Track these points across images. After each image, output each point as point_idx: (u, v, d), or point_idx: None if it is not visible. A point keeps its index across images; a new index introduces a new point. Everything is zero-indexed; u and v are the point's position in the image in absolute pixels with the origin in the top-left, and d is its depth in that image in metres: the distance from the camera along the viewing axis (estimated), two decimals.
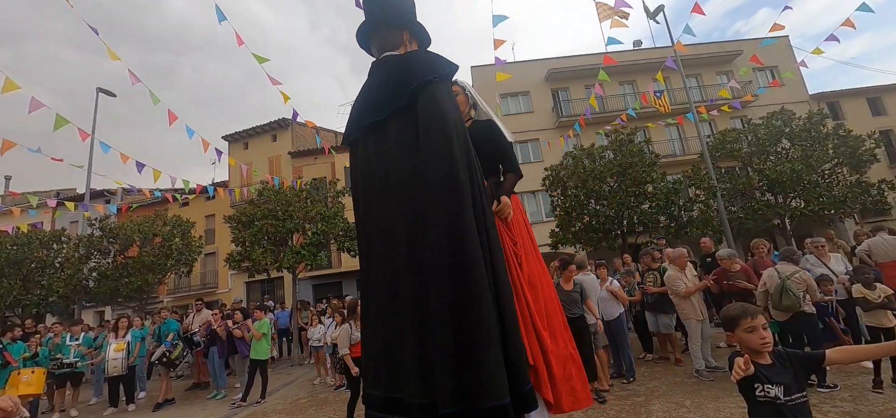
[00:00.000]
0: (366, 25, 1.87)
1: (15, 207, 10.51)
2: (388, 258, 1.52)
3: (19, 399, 5.82)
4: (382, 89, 1.70)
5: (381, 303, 1.53)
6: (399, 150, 1.56)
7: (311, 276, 18.37)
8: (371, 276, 1.59)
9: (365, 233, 1.67)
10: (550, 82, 21.35)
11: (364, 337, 1.69)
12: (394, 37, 1.82)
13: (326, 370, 7.77)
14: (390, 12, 1.83)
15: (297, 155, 22.00)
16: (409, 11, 1.88)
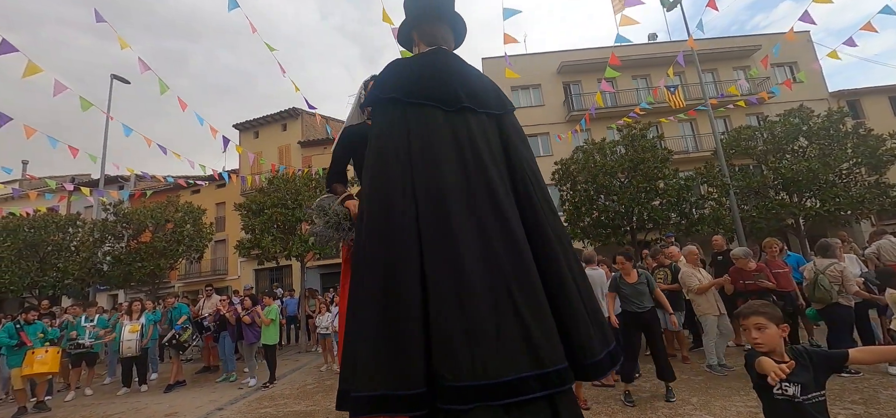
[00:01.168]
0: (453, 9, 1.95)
1: (32, 191, 10.76)
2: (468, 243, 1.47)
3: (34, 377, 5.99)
4: (482, 84, 1.83)
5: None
6: (526, 149, 1.78)
7: (320, 265, 18.55)
8: (376, 259, 1.49)
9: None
10: (562, 75, 21.11)
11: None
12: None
13: (333, 357, 7.85)
14: None
15: (306, 144, 22.12)
16: None
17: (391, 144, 1.60)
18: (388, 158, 1.58)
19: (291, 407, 5.45)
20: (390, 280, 1.41)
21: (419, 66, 1.80)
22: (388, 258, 1.44)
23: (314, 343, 10.63)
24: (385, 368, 1.30)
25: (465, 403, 1.25)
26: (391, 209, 1.50)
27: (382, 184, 1.55)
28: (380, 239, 1.48)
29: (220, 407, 5.75)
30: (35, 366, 6.00)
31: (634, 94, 20.48)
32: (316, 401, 5.65)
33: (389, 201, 1.52)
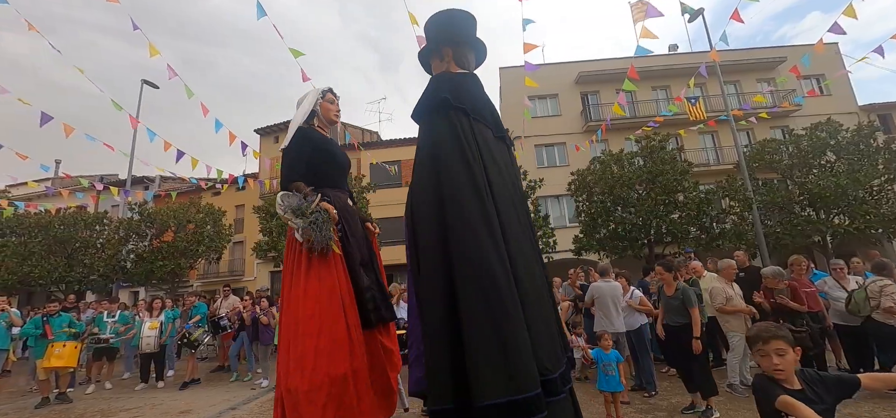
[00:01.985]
0: (477, 35, 2.10)
1: (64, 189, 11.23)
2: (528, 254, 1.71)
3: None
4: (494, 110, 1.99)
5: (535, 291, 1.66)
6: (516, 171, 1.98)
7: None
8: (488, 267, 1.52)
9: (476, 219, 1.59)
10: (580, 85, 20.97)
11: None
12: None
13: None
14: None
15: None
16: None
17: (468, 146, 1.72)
18: (469, 158, 1.68)
19: None
20: (497, 277, 1.49)
21: (473, 86, 1.94)
22: (498, 253, 1.53)
23: None
24: (508, 371, 1.36)
25: (556, 395, 1.43)
26: (484, 203, 1.61)
27: (470, 178, 1.63)
28: (479, 232, 1.54)
29: (234, 407, 5.83)
30: (52, 360, 6.19)
31: (653, 104, 20.19)
32: None
33: (480, 195, 1.61)
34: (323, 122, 3.55)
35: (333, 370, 2.59)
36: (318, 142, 3.33)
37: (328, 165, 3.34)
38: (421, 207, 1.70)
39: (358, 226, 3.30)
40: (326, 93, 3.63)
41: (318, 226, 2.87)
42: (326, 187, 3.20)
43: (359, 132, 24.88)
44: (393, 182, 18.89)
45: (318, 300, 2.77)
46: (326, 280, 2.85)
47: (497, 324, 1.41)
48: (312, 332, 2.69)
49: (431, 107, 1.85)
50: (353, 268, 3.02)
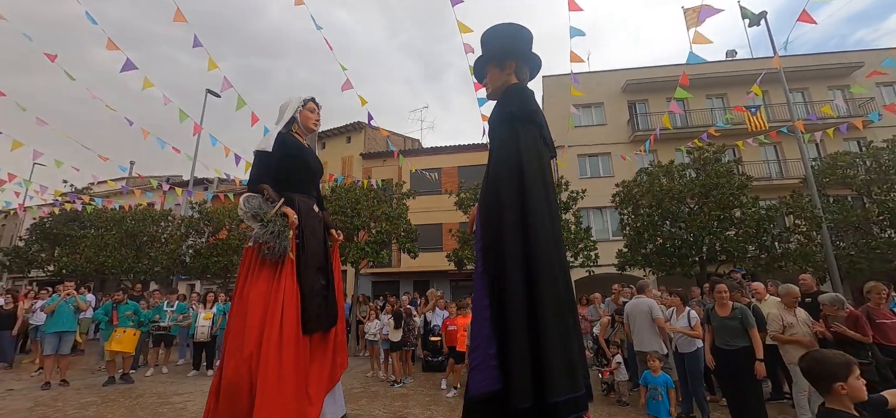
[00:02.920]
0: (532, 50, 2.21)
1: (137, 188, 12.37)
2: (567, 269, 1.93)
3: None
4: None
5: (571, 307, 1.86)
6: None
7: (372, 273, 19.16)
8: (565, 274, 1.84)
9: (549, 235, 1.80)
10: (627, 94, 20.21)
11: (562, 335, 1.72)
12: None
13: (379, 364, 8.02)
14: None
15: (368, 156, 23.17)
16: None
17: (546, 166, 1.91)
18: (547, 179, 1.87)
19: None
20: (564, 286, 1.75)
21: (537, 104, 2.05)
22: (561, 266, 1.77)
23: (362, 348, 10.94)
24: (570, 373, 1.63)
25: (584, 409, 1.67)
26: (555, 224, 1.83)
27: (547, 198, 1.83)
28: (551, 252, 1.76)
29: None
30: (114, 344, 6.82)
31: (708, 114, 19.03)
32: (361, 406, 5.78)
33: (553, 216, 1.83)
34: (301, 129, 3.71)
35: (267, 369, 2.72)
36: (291, 148, 3.48)
37: (298, 171, 3.50)
38: (504, 215, 1.79)
39: (318, 232, 3.44)
40: (308, 102, 3.76)
41: (275, 234, 3.00)
42: (294, 191, 3.38)
43: (401, 139, 25.44)
44: (432, 189, 19.10)
45: (252, 299, 2.95)
46: (265, 282, 3.02)
47: (565, 335, 1.66)
48: (238, 329, 2.88)
49: (517, 117, 1.95)
50: (301, 273, 3.15)
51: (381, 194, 11.86)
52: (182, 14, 6.39)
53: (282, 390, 2.78)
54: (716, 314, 4.20)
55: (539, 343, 1.58)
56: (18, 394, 6.08)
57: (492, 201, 1.86)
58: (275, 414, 2.69)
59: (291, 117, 3.63)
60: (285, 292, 2.97)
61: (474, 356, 1.76)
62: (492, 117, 2.11)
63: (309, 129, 3.73)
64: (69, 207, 16.16)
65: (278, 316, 2.89)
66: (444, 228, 19.49)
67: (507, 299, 1.67)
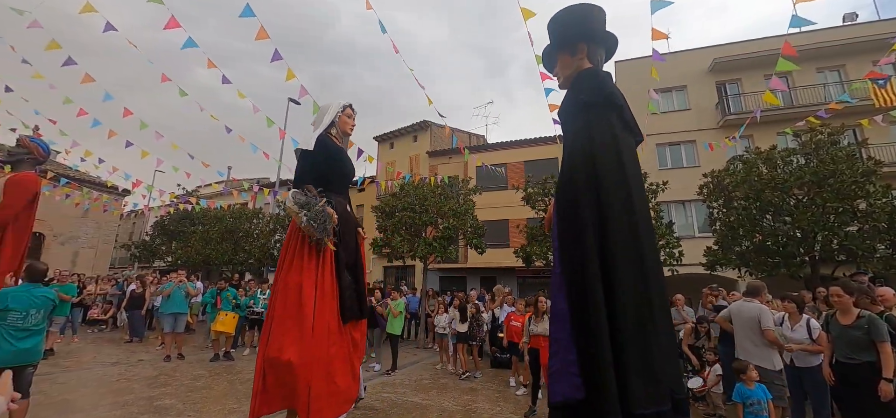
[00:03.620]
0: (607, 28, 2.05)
1: (234, 189, 13.95)
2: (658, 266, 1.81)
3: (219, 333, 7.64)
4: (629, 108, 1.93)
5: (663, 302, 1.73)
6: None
7: (439, 268, 19.51)
8: (649, 272, 1.66)
9: (628, 229, 1.67)
10: (715, 74, 18.14)
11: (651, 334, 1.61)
12: None
13: (448, 357, 8.14)
14: None
15: (434, 154, 23.62)
16: None
17: (625, 154, 1.74)
18: (627, 171, 1.71)
19: (409, 397, 5.80)
20: (649, 286, 1.60)
21: (614, 86, 1.89)
22: (645, 264, 1.62)
23: (431, 341, 11.19)
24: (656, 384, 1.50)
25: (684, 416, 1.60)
26: (635, 213, 1.67)
27: (627, 193, 1.69)
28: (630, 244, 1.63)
29: None
30: (218, 325, 7.79)
31: (819, 91, 16.38)
32: (430, 397, 5.90)
33: (633, 211, 1.67)
34: (339, 133, 3.99)
35: (318, 352, 3.06)
36: (332, 152, 3.76)
37: (336, 173, 3.80)
38: (579, 212, 1.68)
39: (351, 232, 3.74)
40: (346, 107, 4.05)
41: (320, 221, 3.27)
42: (332, 192, 3.65)
43: (465, 136, 25.54)
44: (498, 185, 18.90)
45: (304, 290, 3.20)
46: (313, 274, 3.29)
47: (647, 342, 1.51)
48: (292, 315, 3.13)
49: (590, 102, 1.81)
50: (339, 269, 3.46)
51: (448, 190, 12.01)
52: (265, 31, 6.99)
53: (332, 370, 3.17)
54: (836, 322, 3.58)
55: (618, 350, 1.47)
56: (147, 364, 7.18)
57: (566, 197, 1.75)
58: (323, 389, 3.05)
59: (331, 121, 3.90)
60: (328, 285, 3.33)
61: (554, 361, 1.67)
62: (562, 107, 1.97)
63: (345, 133, 4.04)
64: (182, 207, 18.72)
65: (325, 307, 3.23)
66: (511, 224, 19.20)
67: (584, 302, 1.56)
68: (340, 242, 3.51)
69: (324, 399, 3.03)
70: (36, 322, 3.52)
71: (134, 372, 6.53)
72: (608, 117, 1.76)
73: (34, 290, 3.60)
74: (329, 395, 3.09)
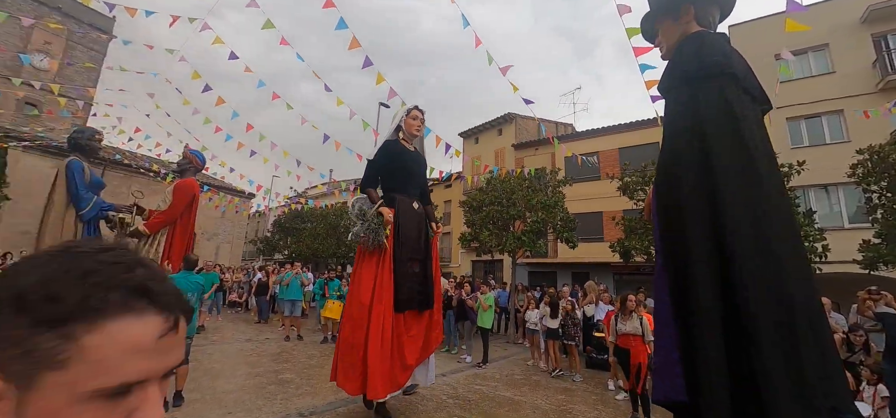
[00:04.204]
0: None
1: (335, 189, 15.39)
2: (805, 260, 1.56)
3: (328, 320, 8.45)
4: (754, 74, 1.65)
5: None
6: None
7: (528, 262, 19.11)
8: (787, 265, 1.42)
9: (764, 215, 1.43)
10: (870, 25, 14.64)
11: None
12: None
13: (539, 354, 7.93)
14: None
15: (519, 146, 23.17)
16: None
17: (749, 124, 1.46)
18: (749, 138, 1.45)
19: (501, 392, 5.79)
20: (793, 298, 1.34)
21: (731, 47, 1.61)
22: (780, 254, 1.38)
23: (521, 336, 11.03)
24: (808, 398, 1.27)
25: None
26: (760, 189, 1.41)
27: (750, 167, 1.43)
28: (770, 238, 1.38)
29: (444, 374, 6.69)
30: (326, 312, 8.67)
31: None
32: (523, 393, 5.82)
33: (761, 188, 1.41)
34: (407, 136, 4.27)
35: (373, 335, 3.57)
36: (394, 155, 4.09)
37: (399, 173, 4.12)
38: (683, 198, 1.45)
39: (412, 228, 4.06)
40: (411, 110, 4.32)
41: (372, 229, 3.75)
42: (396, 192, 4.03)
43: (553, 125, 24.55)
44: (591, 175, 17.83)
45: (364, 282, 3.79)
46: (372, 268, 3.81)
47: (792, 346, 1.26)
48: (355, 302, 3.79)
49: (694, 72, 1.54)
50: (395, 263, 3.85)
51: (536, 183, 11.67)
52: (357, 40, 7.55)
53: (382, 351, 3.62)
54: None
55: (748, 355, 1.25)
56: (271, 342, 8.30)
57: (668, 182, 1.52)
58: (377, 368, 3.54)
59: (397, 125, 4.27)
60: (383, 278, 3.79)
61: (657, 358, 1.54)
62: (662, 82, 1.70)
63: (412, 135, 4.31)
64: (293, 207, 21.21)
65: (380, 296, 3.73)
66: (606, 217, 17.97)
67: (688, 299, 1.37)
68: (399, 239, 3.90)
69: (377, 377, 3.51)
70: (191, 303, 4.30)
71: (262, 349, 7.61)
72: (721, 85, 1.48)
73: (189, 277, 4.40)
74: (382, 374, 3.56)
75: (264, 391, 5.00)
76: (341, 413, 4.35)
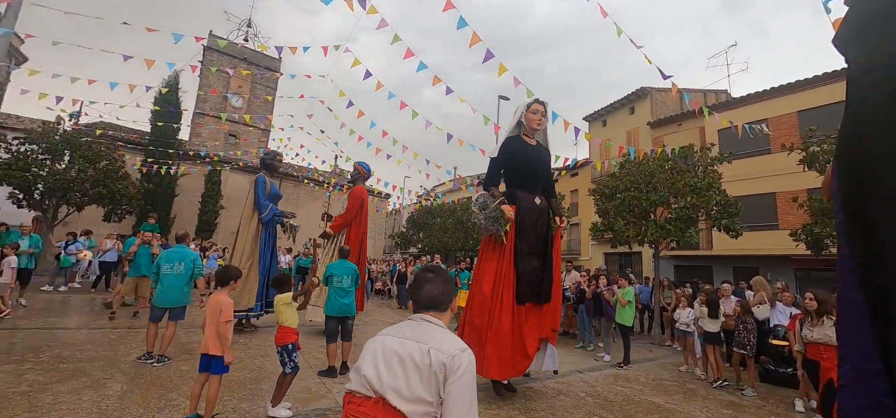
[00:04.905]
0: None
1: (462, 185, 16.03)
2: None
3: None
4: None
5: None
6: None
7: (674, 255, 16.82)
8: None
9: None
10: None
11: None
12: None
13: (695, 359, 6.92)
14: None
15: (657, 124, 20.52)
16: None
17: None
18: None
19: (647, 397, 5.23)
20: None
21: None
22: None
23: (668, 338, 9.79)
24: None
25: None
26: None
27: None
28: None
29: (580, 370, 6.36)
30: (459, 300, 9.11)
31: None
32: (675, 401, 5.15)
33: None
34: (527, 131, 4.33)
35: (493, 323, 3.96)
36: (515, 152, 4.17)
37: (520, 171, 4.25)
38: (877, 170, 1.13)
39: (533, 224, 4.16)
40: (531, 104, 4.38)
41: (494, 221, 3.97)
42: (517, 188, 4.20)
43: (700, 95, 21.03)
44: (756, 148, 14.74)
45: (486, 274, 4.09)
46: (494, 261, 4.07)
47: None
48: (477, 293, 4.16)
49: (889, 9, 1.16)
50: (515, 257, 4.04)
51: (682, 163, 10.11)
52: (478, 35, 7.70)
53: (502, 338, 3.90)
54: None
55: None
56: None
57: (854, 150, 1.18)
58: (497, 352, 3.85)
59: (517, 121, 4.34)
60: (504, 272, 3.99)
61: (845, 367, 1.23)
62: (843, 27, 1.29)
63: (533, 129, 4.30)
64: (423, 203, 22.83)
65: (501, 289, 3.97)
66: (780, 198, 14.63)
67: (891, 293, 1.07)
68: (520, 235, 4.04)
69: (493, 362, 3.81)
70: (347, 285, 5.05)
71: None
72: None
73: (345, 264, 5.13)
74: (499, 359, 3.83)
75: None
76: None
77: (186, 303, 5.16)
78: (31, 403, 3.39)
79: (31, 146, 13.15)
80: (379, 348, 1.47)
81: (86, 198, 13.66)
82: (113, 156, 14.60)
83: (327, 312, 5.00)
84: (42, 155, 13.28)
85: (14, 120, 19.54)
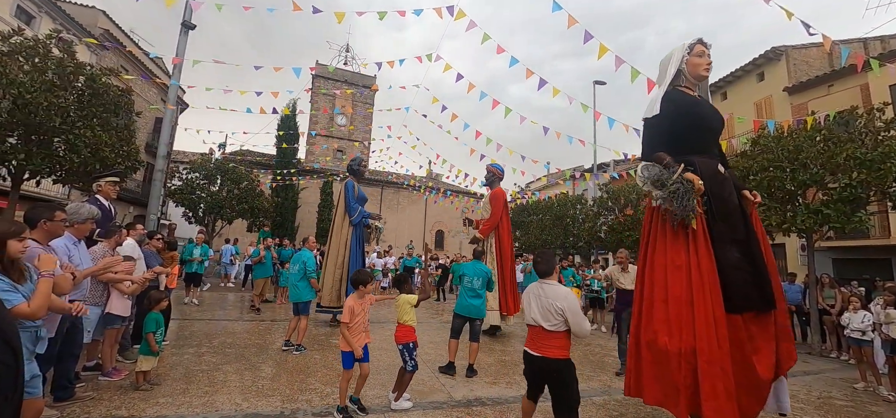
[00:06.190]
0: None
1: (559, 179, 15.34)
2: None
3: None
4: None
5: None
6: None
7: (832, 246, 13.78)
8: None
9: None
10: None
11: None
12: None
13: (878, 376, 5.54)
14: None
15: (796, 89, 17.10)
16: None
17: None
18: None
19: (810, 415, 4.32)
20: None
21: None
22: None
23: (833, 347, 8.05)
24: None
25: None
26: None
27: None
28: None
29: None
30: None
31: None
32: None
33: None
34: (690, 82, 3.25)
35: (701, 344, 2.64)
36: (683, 106, 3.08)
37: (694, 130, 3.09)
38: None
39: (730, 198, 2.98)
40: (694, 46, 3.22)
41: (678, 196, 2.77)
42: (691, 153, 3.00)
43: (858, 46, 16.95)
44: None
45: (670, 272, 2.89)
46: (681, 253, 2.87)
47: None
48: (660, 298, 2.90)
49: None
50: (716, 245, 2.85)
51: (841, 132, 8.19)
52: (574, 17, 7.27)
53: (723, 364, 2.62)
54: None
55: None
56: (520, 325, 8.93)
57: None
58: (719, 387, 2.57)
59: (676, 71, 3.24)
60: (704, 266, 2.80)
61: None
62: None
63: (700, 77, 3.23)
64: (519, 201, 22.41)
65: (704, 292, 2.74)
66: None
67: None
68: (713, 212, 2.88)
69: (722, 396, 2.54)
70: (478, 287, 5.11)
71: (523, 330, 8.27)
72: None
73: (477, 265, 5.29)
74: (726, 392, 2.56)
75: None
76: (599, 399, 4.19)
77: (308, 298, 5.81)
78: (210, 379, 4.16)
79: (193, 174, 16.40)
80: (532, 298, 2.98)
81: (234, 213, 16.49)
82: (250, 176, 17.40)
83: (456, 310, 5.12)
84: (202, 180, 16.44)
85: (181, 154, 24.45)
